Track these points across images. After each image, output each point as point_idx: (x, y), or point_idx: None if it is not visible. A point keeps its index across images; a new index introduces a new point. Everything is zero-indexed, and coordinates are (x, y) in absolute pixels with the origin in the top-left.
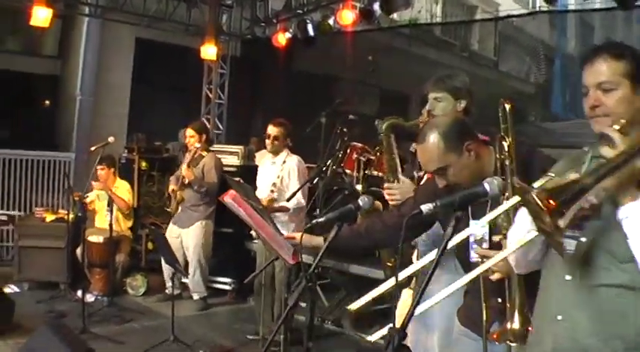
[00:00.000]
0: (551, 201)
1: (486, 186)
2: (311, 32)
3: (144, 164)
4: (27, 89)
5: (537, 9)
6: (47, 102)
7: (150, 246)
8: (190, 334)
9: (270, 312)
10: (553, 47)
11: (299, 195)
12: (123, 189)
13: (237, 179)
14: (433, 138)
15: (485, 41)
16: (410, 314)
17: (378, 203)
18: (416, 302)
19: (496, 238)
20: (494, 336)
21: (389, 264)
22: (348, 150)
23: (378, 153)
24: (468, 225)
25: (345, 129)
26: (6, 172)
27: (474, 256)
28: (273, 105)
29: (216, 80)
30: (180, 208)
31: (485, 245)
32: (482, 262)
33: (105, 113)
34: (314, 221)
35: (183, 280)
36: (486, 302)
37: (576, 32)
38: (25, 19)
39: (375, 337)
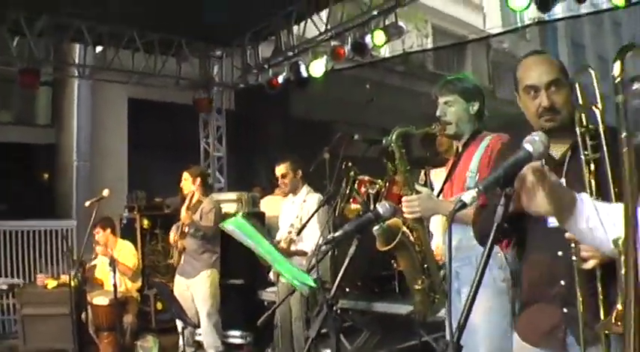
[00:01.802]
0: None
1: (528, 147)
2: (304, 73)
3: (146, 222)
4: (23, 160)
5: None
6: (46, 174)
7: (159, 305)
8: None
9: None
10: None
11: (318, 236)
12: (127, 252)
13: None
14: (550, 60)
15: (479, 70)
16: (462, 326)
17: (397, 220)
18: (466, 313)
19: None
20: (607, 327)
21: (417, 286)
22: (356, 185)
23: (387, 184)
24: None
25: (350, 164)
26: (8, 244)
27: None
28: (273, 154)
29: (212, 133)
30: (183, 258)
31: None
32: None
33: (103, 177)
34: (330, 236)
35: (197, 338)
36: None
37: (568, 52)
38: (15, 90)
39: None
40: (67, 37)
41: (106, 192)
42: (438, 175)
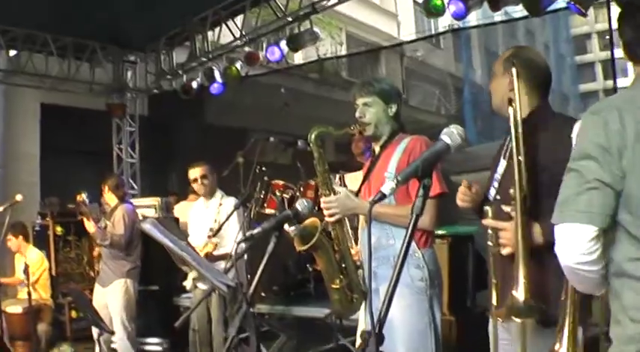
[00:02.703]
0: None
1: (445, 138)
2: (218, 79)
3: (59, 229)
4: None
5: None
6: None
7: (74, 314)
8: None
9: None
10: (461, 78)
11: (239, 239)
12: (34, 259)
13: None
14: (510, 50)
15: (392, 78)
16: (383, 319)
17: (315, 220)
18: (386, 307)
19: (506, 208)
20: (499, 315)
21: (335, 286)
22: (270, 189)
23: (301, 189)
24: None
25: (264, 169)
26: None
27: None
28: (187, 160)
29: (125, 139)
30: (100, 266)
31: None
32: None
33: (16, 182)
34: (248, 233)
35: (113, 346)
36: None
37: (482, 61)
38: None
39: None
40: None
41: (19, 197)
42: (353, 179)
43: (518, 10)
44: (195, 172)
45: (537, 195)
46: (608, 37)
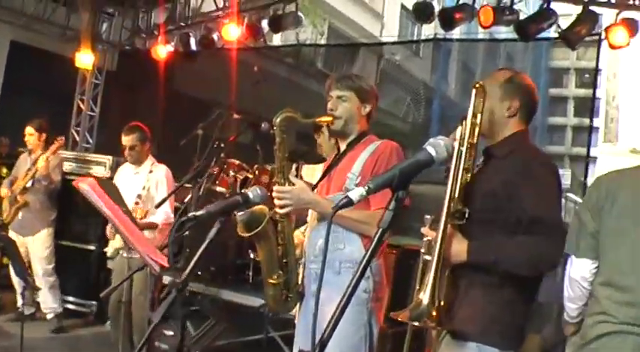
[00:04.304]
0: None
1: (430, 150)
2: (193, 46)
3: (4, 170)
4: None
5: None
6: None
7: (5, 260)
8: None
9: (128, 341)
10: (433, 89)
11: (168, 209)
12: None
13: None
14: (506, 72)
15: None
16: (329, 334)
17: (263, 207)
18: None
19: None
20: (402, 316)
21: (272, 281)
22: (225, 167)
23: (257, 172)
24: None
25: (222, 145)
26: None
27: None
28: (147, 123)
29: (89, 91)
30: (20, 214)
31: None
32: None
33: None
34: (191, 214)
35: (37, 299)
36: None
37: (457, 77)
38: None
39: None
40: None
41: None
42: (310, 171)
43: (503, 33)
44: (124, 140)
45: (477, 216)
46: (587, 75)
